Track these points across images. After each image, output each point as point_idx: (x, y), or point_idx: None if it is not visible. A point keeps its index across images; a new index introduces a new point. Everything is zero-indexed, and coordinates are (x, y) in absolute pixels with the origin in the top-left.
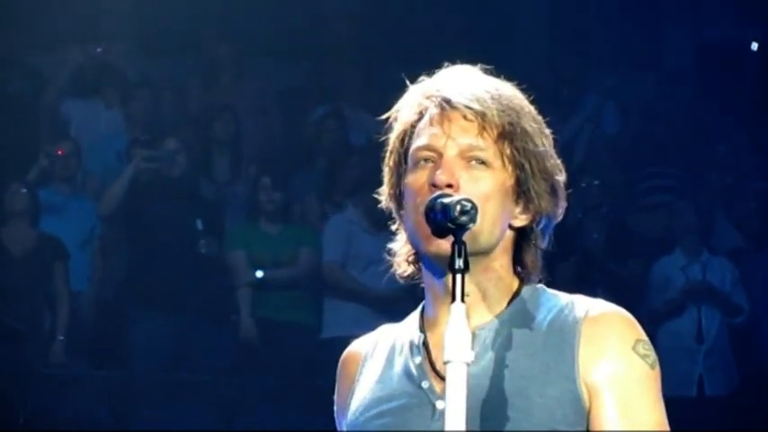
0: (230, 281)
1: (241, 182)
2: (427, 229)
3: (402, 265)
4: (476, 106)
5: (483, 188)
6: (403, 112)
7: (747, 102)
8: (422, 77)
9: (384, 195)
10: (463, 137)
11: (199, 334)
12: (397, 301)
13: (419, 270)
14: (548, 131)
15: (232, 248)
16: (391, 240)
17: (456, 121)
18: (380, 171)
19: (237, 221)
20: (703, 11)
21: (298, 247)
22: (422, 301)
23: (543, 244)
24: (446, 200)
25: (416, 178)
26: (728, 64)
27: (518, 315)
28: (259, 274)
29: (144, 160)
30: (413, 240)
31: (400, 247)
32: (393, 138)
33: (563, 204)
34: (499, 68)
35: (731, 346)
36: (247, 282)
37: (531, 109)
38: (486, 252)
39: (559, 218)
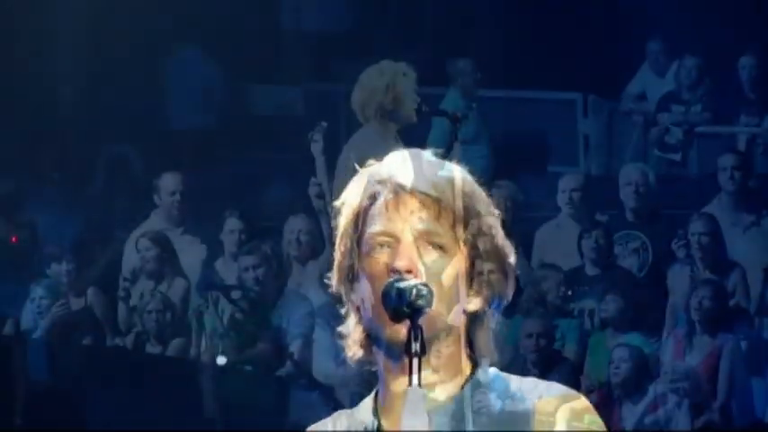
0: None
1: None
2: (386, 314)
3: (353, 348)
4: (432, 192)
5: (441, 273)
6: (353, 197)
7: None
8: (370, 162)
9: (334, 279)
10: (420, 222)
11: (161, 415)
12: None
13: (370, 353)
14: (497, 212)
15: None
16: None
17: (412, 206)
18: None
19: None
20: None
21: (258, 330)
22: (375, 386)
23: (494, 326)
24: (402, 284)
25: (373, 263)
26: None
27: (472, 399)
28: (221, 360)
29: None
30: (370, 325)
31: (351, 331)
32: (344, 222)
33: (513, 285)
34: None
35: None
36: (210, 366)
37: (482, 191)
38: (442, 336)
39: (509, 299)
